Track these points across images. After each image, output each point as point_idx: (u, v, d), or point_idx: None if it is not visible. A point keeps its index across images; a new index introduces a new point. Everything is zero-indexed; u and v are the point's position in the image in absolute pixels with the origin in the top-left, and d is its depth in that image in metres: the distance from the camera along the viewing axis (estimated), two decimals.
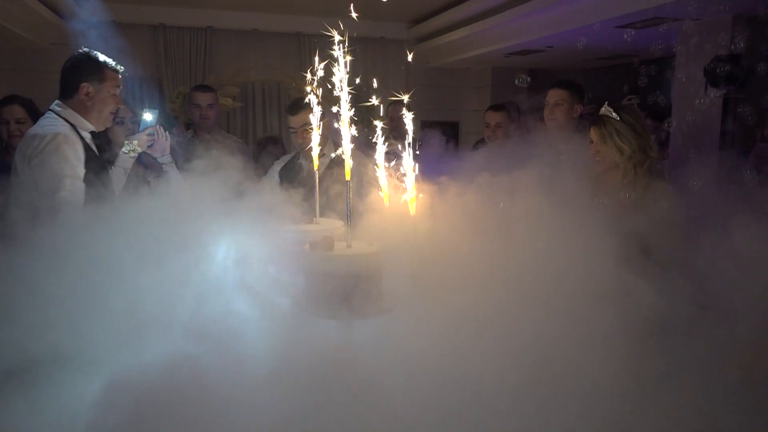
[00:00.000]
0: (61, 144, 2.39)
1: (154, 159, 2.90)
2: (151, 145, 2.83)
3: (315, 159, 2.03)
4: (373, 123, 1.79)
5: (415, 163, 1.79)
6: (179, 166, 2.87)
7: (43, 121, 2.53)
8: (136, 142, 2.78)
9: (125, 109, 3.53)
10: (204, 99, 4.04)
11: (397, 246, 1.71)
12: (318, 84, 1.95)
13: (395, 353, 1.46)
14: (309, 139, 2.95)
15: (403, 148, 1.78)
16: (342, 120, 1.75)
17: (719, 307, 1.56)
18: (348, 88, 1.73)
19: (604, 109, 2.50)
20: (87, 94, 2.54)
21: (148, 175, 3.02)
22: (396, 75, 7.36)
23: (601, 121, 2.51)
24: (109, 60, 2.61)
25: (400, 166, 1.81)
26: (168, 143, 2.90)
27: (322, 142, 2.97)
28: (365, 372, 1.41)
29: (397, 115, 4.26)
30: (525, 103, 3.67)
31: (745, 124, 3.34)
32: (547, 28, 5.25)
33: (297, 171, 3.15)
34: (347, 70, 1.73)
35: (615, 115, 2.46)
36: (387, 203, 1.85)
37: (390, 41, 7.27)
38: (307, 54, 6.96)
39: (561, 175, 2.18)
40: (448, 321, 1.52)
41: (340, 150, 1.76)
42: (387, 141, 1.82)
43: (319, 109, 2.00)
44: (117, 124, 3.41)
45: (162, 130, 2.88)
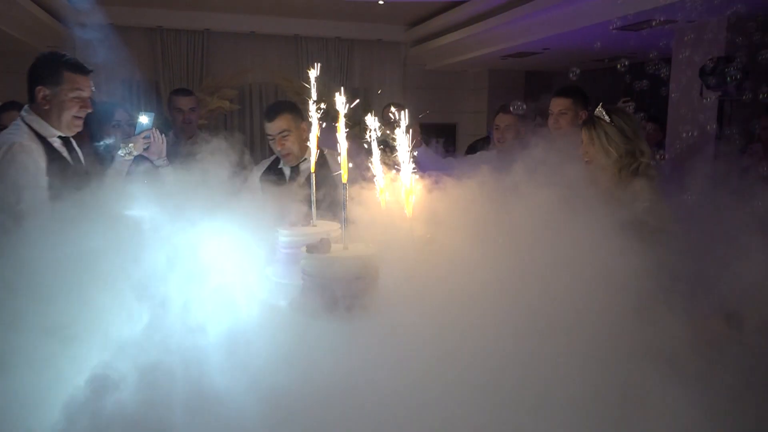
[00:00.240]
0: (16, 154, 2.28)
1: (151, 162, 2.90)
2: (147, 147, 2.83)
3: (312, 162, 2.02)
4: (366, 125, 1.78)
5: (411, 163, 1.79)
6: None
7: (7, 130, 2.43)
8: (132, 145, 2.78)
9: (122, 112, 3.53)
10: (186, 103, 3.98)
11: (394, 247, 1.72)
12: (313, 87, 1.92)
13: (393, 354, 1.46)
14: (287, 146, 2.91)
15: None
16: (339, 124, 1.75)
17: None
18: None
19: (598, 111, 2.50)
20: (44, 98, 2.41)
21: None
22: (393, 77, 7.38)
23: (592, 123, 2.51)
24: (73, 61, 2.46)
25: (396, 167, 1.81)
26: (164, 146, 2.91)
27: (303, 147, 2.94)
28: (363, 373, 1.41)
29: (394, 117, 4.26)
30: (529, 107, 3.65)
31: (739, 125, 3.36)
32: (543, 31, 5.27)
33: (279, 177, 3.00)
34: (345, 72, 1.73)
35: (606, 117, 2.46)
36: (384, 205, 1.85)
37: (387, 44, 7.29)
38: (304, 57, 6.97)
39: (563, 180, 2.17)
40: (446, 321, 1.52)
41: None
42: (385, 148, 1.81)
43: (317, 115, 1.97)
44: (113, 127, 3.41)
45: (158, 133, 2.88)
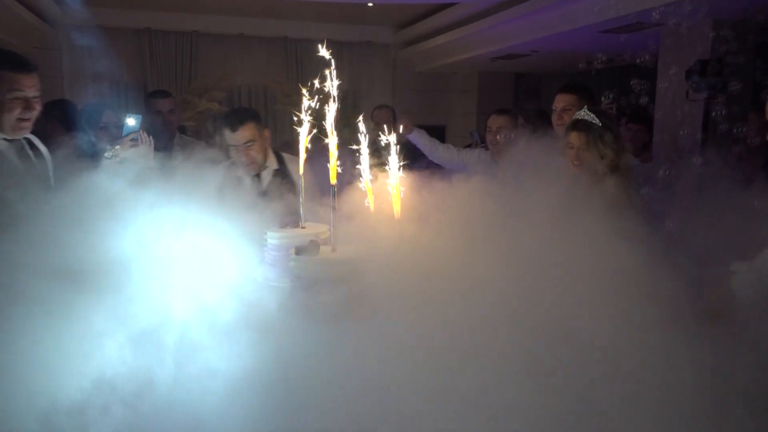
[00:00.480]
0: None
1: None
2: (134, 149, 2.81)
3: (301, 165, 2.01)
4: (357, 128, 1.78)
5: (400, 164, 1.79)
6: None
7: None
8: (118, 147, 2.76)
9: (109, 113, 3.50)
10: (164, 105, 3.86)
11: (383, 249, 1.72)
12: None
13: (383, 356, 1.46)
14: (252, 155, 2.78)
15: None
16: (329, 125, 1.75)
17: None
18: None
19: (585, 114, 2.50)
20: None
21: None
22: (382, 79, 7.39)
23: (585, 127, 2.51)
24: (12, 57, 2.34)
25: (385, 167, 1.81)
26: (152, 148, 2.88)
27: (265, 155, 2.83)
28: (353, 374, 1.41)
29: (384, 120, 4.26)
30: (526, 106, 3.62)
31: (725, 127, 3.39)
32: (531, 33, 5.30)
33: (235, 184, 2.61)
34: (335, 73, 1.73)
35: (597, 121, 2.47)
36: (372, 207, 1.85)
37: (376, 45, 7.30)
38: (293, 58, 6.97)
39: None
40: (437, 323, 1.52)
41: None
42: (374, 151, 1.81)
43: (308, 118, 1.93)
44: (101, 129, 3.38)
45: (145, 135, 2.86)
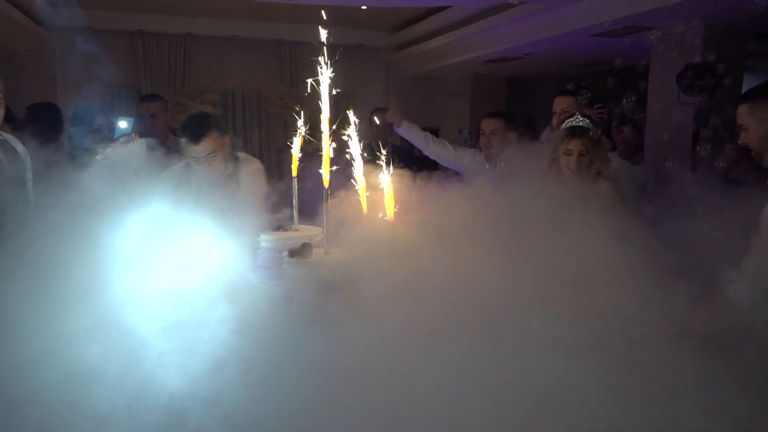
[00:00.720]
0: None
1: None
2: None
3: (294, 165, 2.02)
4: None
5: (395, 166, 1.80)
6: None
7: None
8: (110, 150, 2.75)
9: (102, 116, 3.49)
10: (148, 108, 3.90)
11: (376, 251, 1.72)
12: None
13: (378, 357, 1.47)
14: (216, 166, 2.63)
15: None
16: (323, 129, 1.76)
17: None
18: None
19: (581, 121, 2.53)
20: None
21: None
22: (376, 82, 7.39)
23: (585, 134, 2.51)
24: None
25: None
26: (143, 151, 2.88)
27: (227, 163, 2.68)
28: (347, 376, 1.42)
29: (380, 122, 4.26)
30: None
31: (715, 130, 3.42)
32: (524, 37, 5.32)
33: (188, 182, 2.63)
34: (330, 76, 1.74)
35: (591, 126, 2.52)
36: (365, 209, 1.86)
37: (369, 48, 7.30)
38: (287, 61, 6.97)
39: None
40: (429, 325, 1.53)
41: None
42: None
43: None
44: (93, 131, 3.37)
45: (137, 137, 2.86)
